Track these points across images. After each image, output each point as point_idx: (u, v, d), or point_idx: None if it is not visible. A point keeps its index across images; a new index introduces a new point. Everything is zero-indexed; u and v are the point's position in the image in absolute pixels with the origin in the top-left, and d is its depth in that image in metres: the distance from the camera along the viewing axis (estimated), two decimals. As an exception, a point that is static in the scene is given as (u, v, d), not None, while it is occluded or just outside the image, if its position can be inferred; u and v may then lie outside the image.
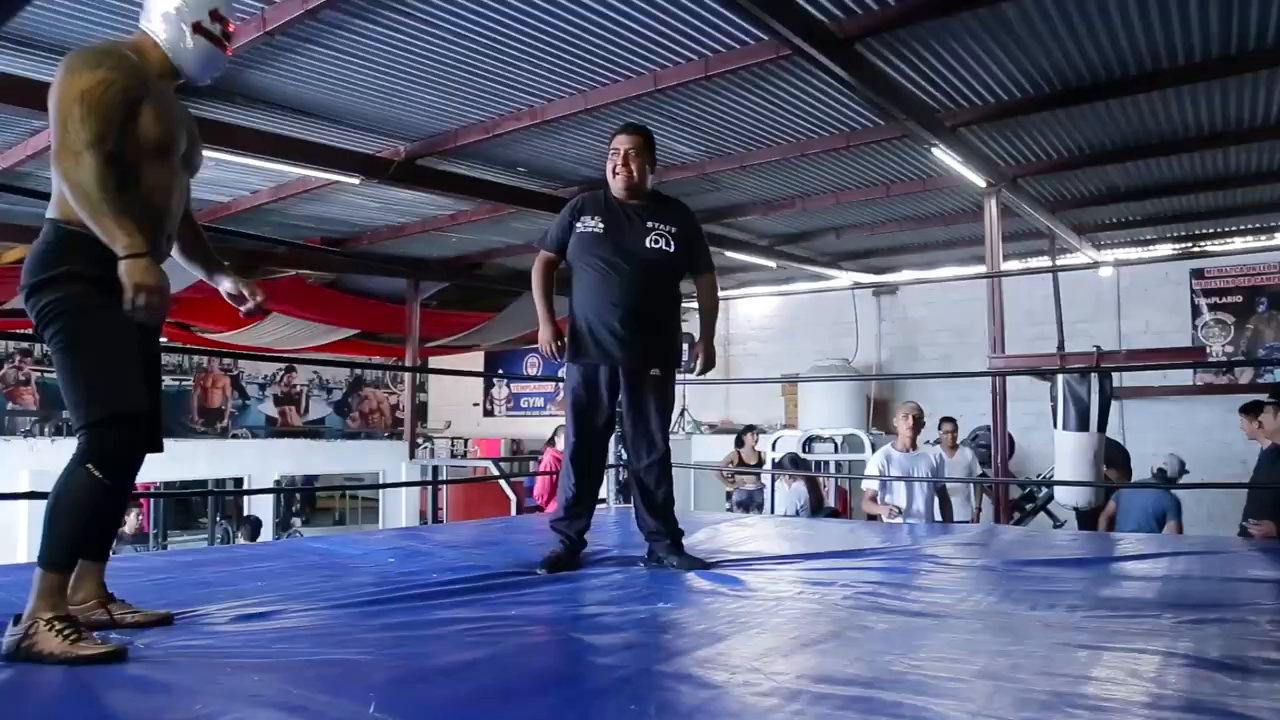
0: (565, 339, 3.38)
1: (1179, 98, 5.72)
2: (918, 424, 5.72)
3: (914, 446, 5.70)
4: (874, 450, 9.04)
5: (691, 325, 5.49)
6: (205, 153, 2.40)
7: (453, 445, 13.25)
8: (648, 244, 3.32)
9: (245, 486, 10.22)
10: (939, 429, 6.80)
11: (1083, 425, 5.78)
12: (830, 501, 8.34)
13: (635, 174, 3.34)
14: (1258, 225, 9.35)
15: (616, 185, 3.37)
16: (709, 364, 3.48)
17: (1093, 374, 5.89)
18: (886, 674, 1.91)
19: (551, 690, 1.84)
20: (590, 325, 3.31)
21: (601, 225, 3.33)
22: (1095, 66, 5.22)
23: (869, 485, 5.80)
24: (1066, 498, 6.48)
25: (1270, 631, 2.30)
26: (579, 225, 3.36)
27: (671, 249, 3.34)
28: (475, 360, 14.95)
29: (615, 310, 3.28)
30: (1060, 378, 5.95)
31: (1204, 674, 1.92)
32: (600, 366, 3.34)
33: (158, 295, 2.02)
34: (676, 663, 2.09)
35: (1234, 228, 9.48)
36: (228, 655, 2.02)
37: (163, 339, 2.49)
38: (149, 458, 2.19)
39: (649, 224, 3.34)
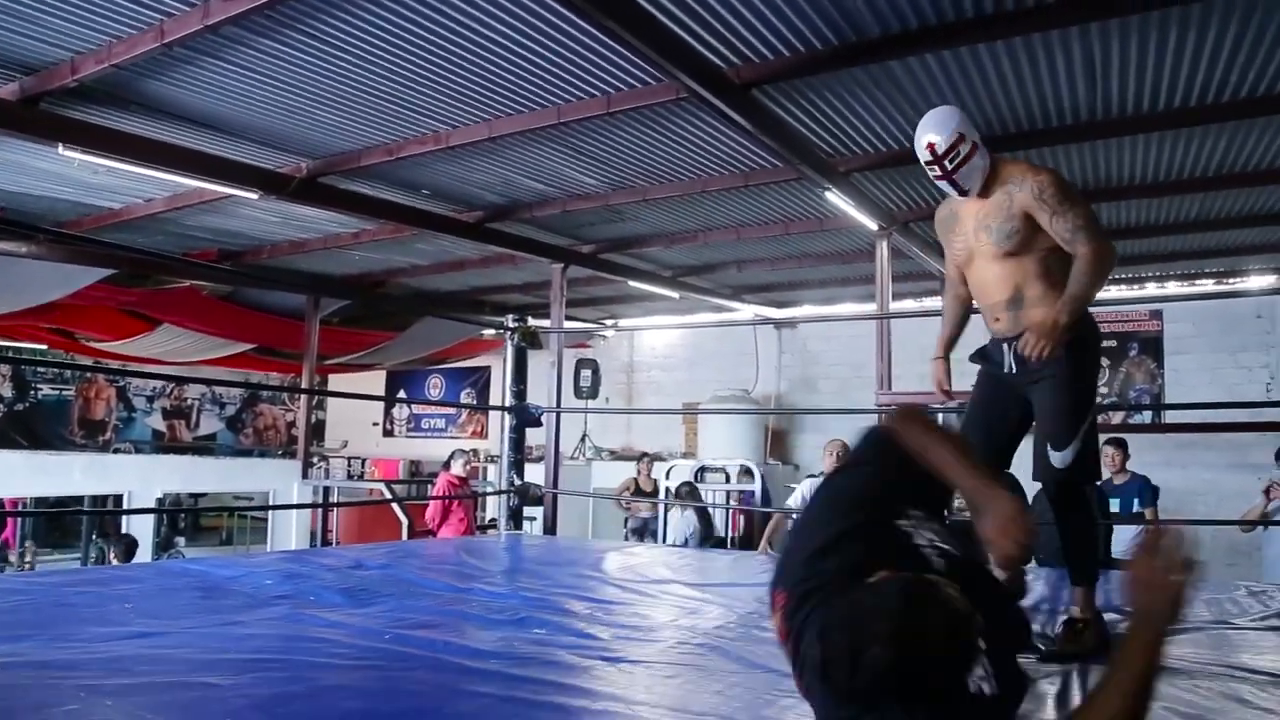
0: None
1: (1054, 155, 6.07)
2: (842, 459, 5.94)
3: None
4: (764, 482, 9.29)
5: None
6: (96, 160, 2.32)
7: (349, 465, 12.98)
8: None
9: (126, 504, 9.83)
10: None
11: None
12: (722, 530, 8.49)
13: None
14: (1130, 275, 9.94)
15: None
16: None
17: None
18: (742, 706, 2.00)
19: (413, 717, 1.87)
20: None
21: None
22: (977, 124, 5.51)
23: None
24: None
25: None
26: None
27: None
28: (377, 379, 14.73)
29: None
30: (940, 417, 6.24)
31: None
32: None
33: None
34: (543, 692, 2.14)
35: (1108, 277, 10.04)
36: (82, 678, 1.98)
37: (42, 346, 2.43)
38: (14, 469, 2.15)
39: None
